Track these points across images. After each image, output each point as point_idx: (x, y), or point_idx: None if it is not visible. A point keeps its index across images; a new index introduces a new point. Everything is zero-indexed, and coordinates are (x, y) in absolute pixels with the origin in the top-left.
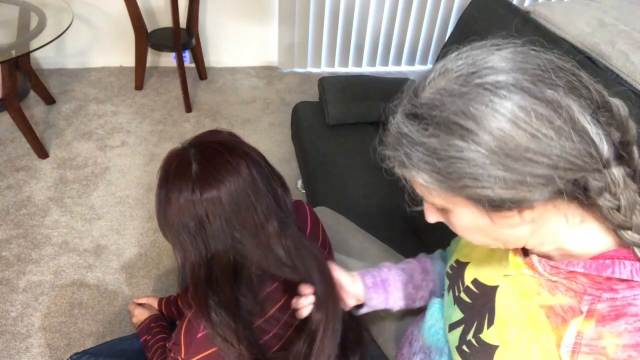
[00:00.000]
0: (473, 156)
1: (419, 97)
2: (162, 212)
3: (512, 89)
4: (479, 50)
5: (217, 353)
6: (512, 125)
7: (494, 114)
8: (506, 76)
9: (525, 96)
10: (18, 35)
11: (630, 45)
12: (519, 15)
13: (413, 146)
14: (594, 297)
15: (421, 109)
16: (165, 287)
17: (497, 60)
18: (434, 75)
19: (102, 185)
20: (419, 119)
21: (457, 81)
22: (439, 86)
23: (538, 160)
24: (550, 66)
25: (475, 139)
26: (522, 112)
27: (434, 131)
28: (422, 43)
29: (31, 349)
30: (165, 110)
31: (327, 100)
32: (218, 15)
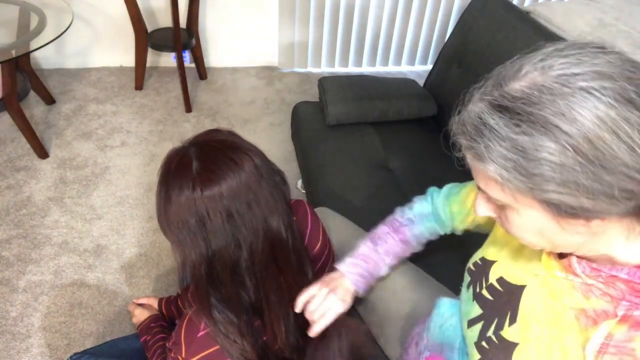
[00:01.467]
0: (566, 162)
1: (509, 88)
2: (162, 210)
3: (619, 99)
4: (582, 50)
5: (217, 352)
6: (614, 136)
7: (596, 121)
8: (613, 84)
9: (631, 108)
10: (18, 35)
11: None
12: (519, 15)
13: (498, 140)
14: (632, 304)
15: (514, 103)
16: (165, 287)
17: (604, 65)
18: (529, 68)
19: (102, 185)
20: (510, 113)
21: (558, 80)
22: (537, 81)
23: (632, 175)
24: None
25: (572, 144)
26: (626, 124)
27: (527, 129)
28: (422, 43)
29: (31, 349)
30: (165, 110)
31: (327, 100)
32: (218, 15)
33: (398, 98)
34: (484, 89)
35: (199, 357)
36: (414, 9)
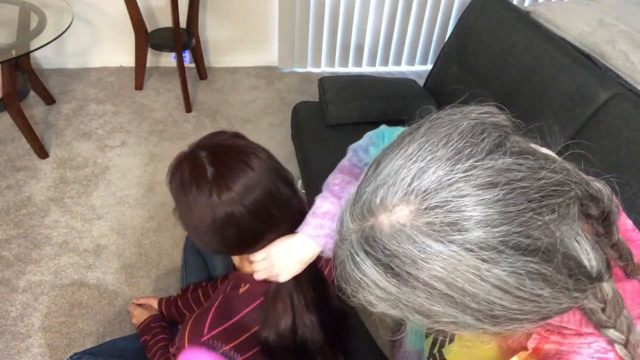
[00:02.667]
0: (457, 317)
1: (377, 225)
2: (185, 218)
3: (502, 249)
4: (448, 176)
5: None
6: (503, 293)
7: (481, 283)
8: (493, 233)
9: (517, 258)
10: (18, 35)
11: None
12: (519, 15)
13: (372, 289)
14: (542, 338)
15: (382, 253)
16: (165, 287)
17: (476, 206)
18: (397, 191)
19: (102, 185)
20: (383, 265)
21: (431, 228)
22: (403, 222)
23: (525, 318)
24: (543, 193)
25: (460, 307)
26: (513, 277)
27: (405, 288)
28: (422, 43)
29: (31, 349)
30: (165, 110)
31: (327, 100)
32: (218, 15)
33: (398, 98)
34: (353, 203)
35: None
36: (414, 9)
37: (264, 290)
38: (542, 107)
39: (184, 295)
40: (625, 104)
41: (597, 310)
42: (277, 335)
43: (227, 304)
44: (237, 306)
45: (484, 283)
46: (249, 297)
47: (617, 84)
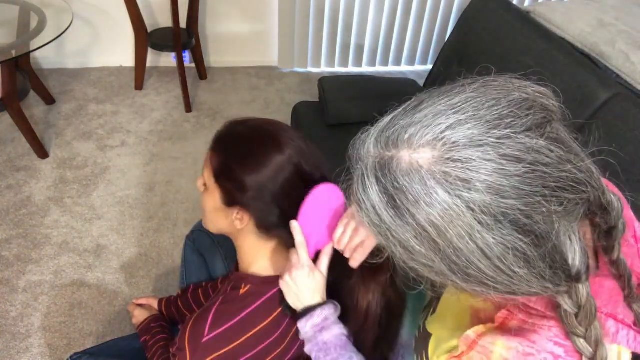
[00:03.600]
0: (433, 264)
1: (398, 156)
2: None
3: (500, 220)
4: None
5: (222, 356)
6: (485, 258)
7: (469, 241)
8: (498, 202)
9: (510, 232)
10: (18, 35)
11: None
12: (519, 15)
13: (371, 209)
14: (510, 314)
15: (395, 188)
16: (165, 287)
17: (494, 173)
18: (426, 139)
19: (102, 185)
20: (388, 196)
21: (444, 178)
22: (422, 163)
23: (494, 286)
24: (560, 184)
25: (439, 256)
26: (499, 248)
27: (397, 219)
28: (422, 43)
29: (31, 349)
30: (165, 110)
31: (327, 100)
32: (218, 15)
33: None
34: (383, 130)
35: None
36: (414, 9)
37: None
38: None
39: (184, 295)
40: (625, 104)
41: (570, 315)
42: None
43: (227, 305)
44: (237, 307)
45: (471, 242)
46: (250, 298)
47: (617, 84)
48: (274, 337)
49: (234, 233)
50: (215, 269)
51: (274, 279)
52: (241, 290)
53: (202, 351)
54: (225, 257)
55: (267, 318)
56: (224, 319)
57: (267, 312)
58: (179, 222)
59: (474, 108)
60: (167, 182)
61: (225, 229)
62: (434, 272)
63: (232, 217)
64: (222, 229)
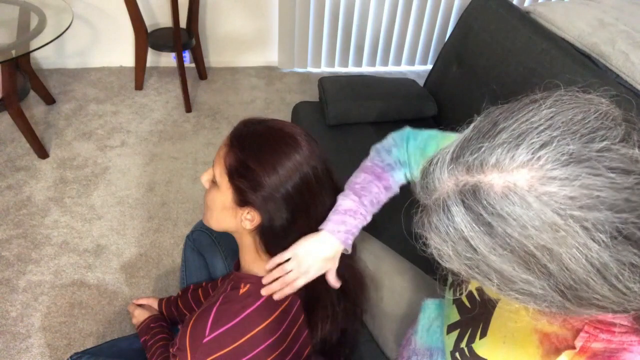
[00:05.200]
0: (538, 292)
1: (485, 182)
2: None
3: (615, 235)
4: (582, 151)
5: (224, 357)
6: (601, 277)
7: (585, 262)
8: (613, 217)
9: (625, 247)
10: (18, 35)
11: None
12: (519, 15)
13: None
14: (591, 336)
15: (484, 210)
16: (165, 287)
17: (606, 188)
18: (522, 154)
19: (102, 185)
20: (482, 223)
21: (551, 198)
22: (521, 185)
23: (608, 307)
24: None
25: (551, 282)
26: (616, 265)
27: (499, 251)
28: (422, 43)
29: (31, 349)
30: (165, 110)
31: (327, 100)
32: (218, 15)
33: (398, 98)
34: (458, 154)
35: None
36: (414, 9)
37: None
38: None
39: (184, 295)
40: (625, 104)
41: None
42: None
43: (228, 305)
44: (238, 307)
45: (587, 264)
46: (250, 298)
47: (617, 84)
48: (275, 337)
49: (239, 232)
50: (215, 269)
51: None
52: (241, 290)
53: (203, 351)
54: (225, 257)
55: (268, 318)
56: (225, 319)
57: (268, 312)
58: (179, 222)
59: (564, 123)
60: (167, 182)
61: (230, 228)
62: (535, 298)
63: (241, 216)
64: (227, 227)
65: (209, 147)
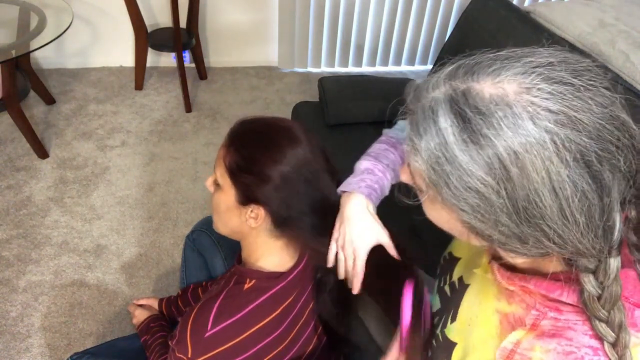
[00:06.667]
0: (494, 201)
1: (477, 88)
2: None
3: (578, 159)
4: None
5: (225, 351)
6: (554, 196)
7: (544, 175)
8: (582, 140)
9: (583, 173)
10: (18, 35)
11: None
12: (519, 15)
13: (439, 147)
14: (541, 314)
15: (474, 115)
16: (165, 287)
17: (586, 113)
18: (507, 76)
19: (102, 185)
20: (465, 124)
21: (531, 107)
22: (509, 91)
23: (548, 236)
24: (629, 141)
25: (507, 189)
26: (570, 188)
27: (473, 152)
28: (422, 43)
29: (31, 349)
30: (165, 110)
31: (327, 100)
32: (218, 15)
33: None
34: (456, 70)
35: (206, 357)
36: (414, 9)
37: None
38: None
39: (184, 295)
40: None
41: (593, 297)
42: None
43: (231, 300)
44: (241, 302)
45: (546, 176)
46: (254, 293)
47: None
48: (277, 334)
49: (245, 232)
50: (215, 269)
51: (280, 274)
52: (246, 285)
53: (204, 345)
54: (225, 257)
55: (271, 314)
56: (228, 314)
57: (272, 308)
58: (179, 222)
59: (560, 58)
60: (167, 182)
61: (236, 229)
62: (483, 216)
63: (245, 215)
64: (234, 228)
65: (209, 147)
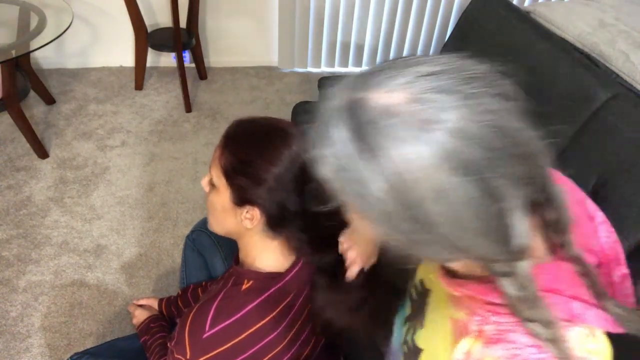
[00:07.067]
0: (389, 206)
1: (371, 96)
2: None
3: (465, 166)
4: (458, 87)
5: (224, 352)
6: (441, 201)
7: (433, 182)
8: (471, 150)
9: (472, 180)
10: (18, 35)
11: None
12: (519, 15)
13: (333, 158)
14: (483, 318)
15: (366, 124)
16: (165, 287)
17: (469, 122)
18: (406, 76)
19: (102, 185)
20: (359, 136)
21: (415, 115)
22: (397, 102)
23: (450, 242)
24: (518, 149)
25: (401, 196)
26: (459, 194)
27: (367, 163)
28: (422, 43)
29: (31, 349)
30: (165, 110)
31: None
32: (218, 15)
33: None
34: (354, 79)
35: (204, 358)
36: (414, 9)
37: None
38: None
39: (184, 295)
40: (625, 104)
41: (517, 300)
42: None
43: (229, 301)
44: (239, 303)
45: (436, 184)
46: (252, 294)
47: (617, 84)
48: (275, 334)
49: (240, 232)
50: (215, 269)
51: (277, 275)
52: (243, 286)
53: (202, 346)
54: (225, 257)
55: (269, 314)
56: (226, 315)
57: (270, 309)
58: (179, 222)
59: (455, 65)
60: (167, 182)
61: (231, 229)
62: (388, 222)
63: (240, 216)
64: (229, 229)
65: (209, 147)
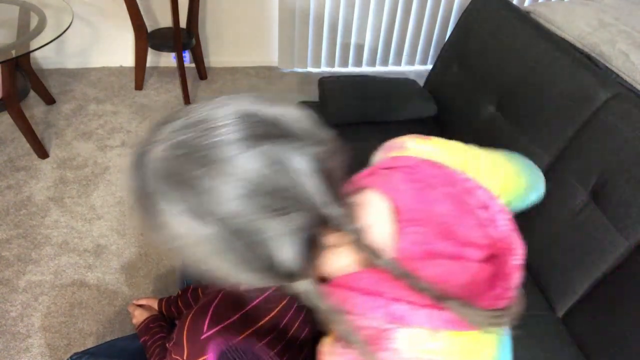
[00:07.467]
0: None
1: (147, 148)
2: None
3: (231, 210)
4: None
5: None
6: (200, 245)
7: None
8: (235, 190)
9: (222, 228)
10: (18, 35)
11: (630, 45)
12: (519, 15)
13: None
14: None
15: (143, 173)
16: (165, 287)
17: (242, 164)
18: (168, 128)
19: (102, 185)
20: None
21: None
22: (156, 157)
23: (223, 275)
24: (279, 186)
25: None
26: (217, 241)
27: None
28: (422, 43)
29: (31, 349)
30: (165, 110)
31: (327, 100)
32: (218, 15)
33: (398, 98)
34: (150, 135)
35: (202, 359)
36: (414, 9)
37: None
38: (542, 107)
39: (184, 295)
40: (625, 104)
41: (321, 314)
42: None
43: (227, 301)
44: (237, 304)
45: (192, 235)
46: (250, 295)
47: (617, 84)
48: (273, 335)
49: None
50: None
51: None
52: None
53: (200, 347)
54: None
55: (268, 314)
56: (224, 315)
57: (268, 310)
58: None
59: (198, 117)
60: None
61: None
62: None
63: None
64: None
65: None
